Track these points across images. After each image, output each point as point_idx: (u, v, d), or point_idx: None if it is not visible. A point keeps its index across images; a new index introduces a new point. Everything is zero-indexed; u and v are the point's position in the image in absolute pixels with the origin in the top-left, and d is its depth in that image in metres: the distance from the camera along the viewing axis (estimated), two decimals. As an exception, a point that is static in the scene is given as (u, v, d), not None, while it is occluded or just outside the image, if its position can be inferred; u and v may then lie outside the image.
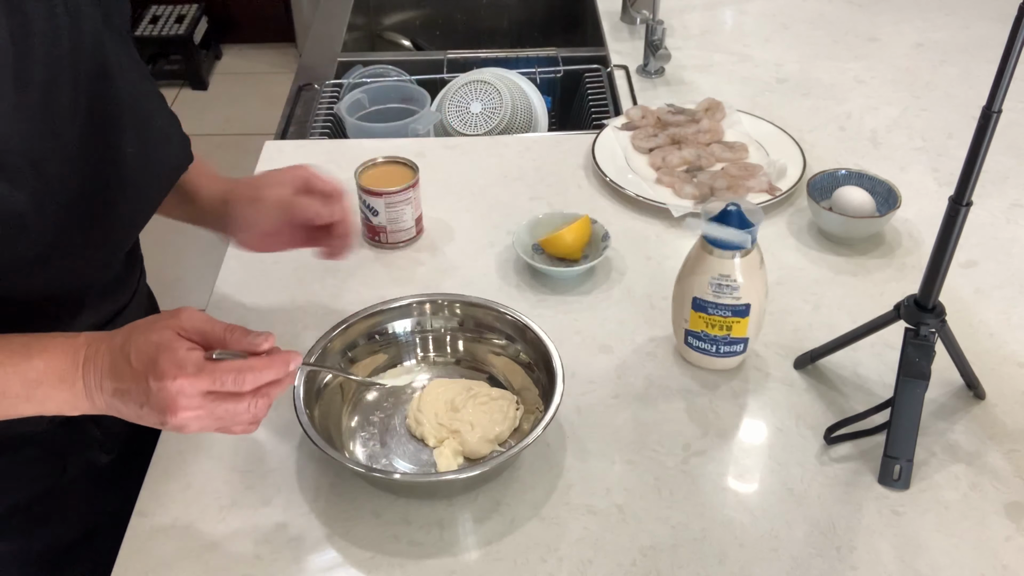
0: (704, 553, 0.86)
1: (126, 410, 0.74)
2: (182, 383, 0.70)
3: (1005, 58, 0.77)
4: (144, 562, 0.86)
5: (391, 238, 1.22)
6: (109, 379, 0.73)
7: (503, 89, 1.58)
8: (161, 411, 0.71)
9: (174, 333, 0.72)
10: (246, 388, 0.73)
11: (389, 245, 1.23)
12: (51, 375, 0.73)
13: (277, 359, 0.75)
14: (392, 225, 1.21)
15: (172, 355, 0.70)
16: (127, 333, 0.73)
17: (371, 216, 1.21)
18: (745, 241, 0.94)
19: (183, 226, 1.08)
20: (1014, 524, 0.88)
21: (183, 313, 0.74)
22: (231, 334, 0.74)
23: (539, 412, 0.93)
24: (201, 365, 0.71)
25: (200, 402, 0.71)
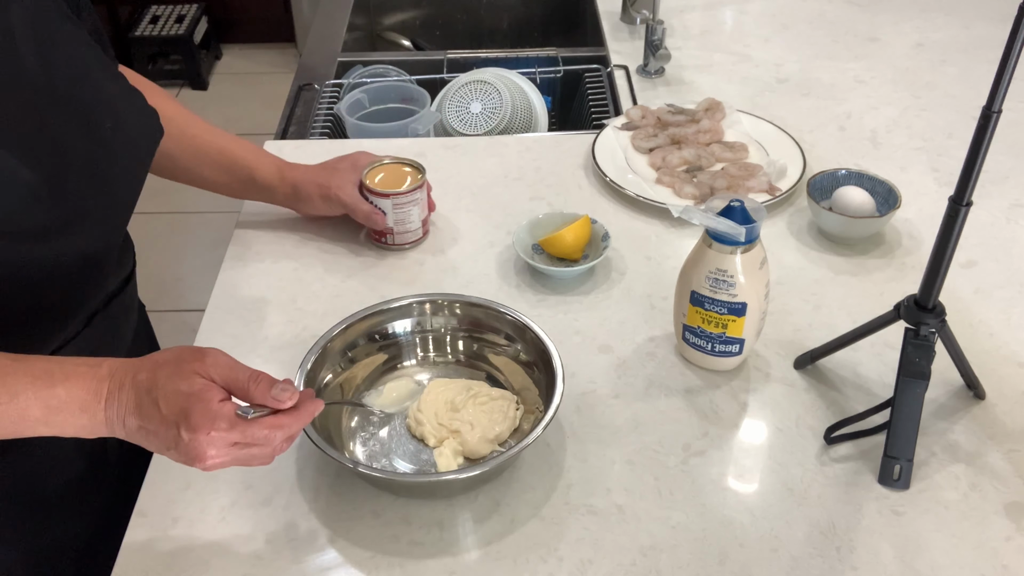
0: (704, 553, 0.86)
1: (149, 446, 0.76)
2: (215, 436, 0.72)
3: (1005, 58, 0.77)
4: (144, 562, 0.86)
5: (397, 239, 1.21)
6: (134, 417, 0.74)
7: (503, 89, 1.58)
8: (191, 459, 0.73)
9: (205, 382, 0.73)
10: (276, 443, 0.76)
11: (395, 247, 1.22)
12: (72, 404, 0.74)
13: (304, 413, 0.77)
14: (399, 227, 1.19)
15: (205, 408, 0.72)
16: (151, 372, 0.74)
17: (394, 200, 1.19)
18: (741, 234, 0.94)
19: (183, 226, 1.09)
20: (1014, 524, 0.88)
21: (209, 357, 0.75)
22: (255, 385, 0.75)
23: (539, 412, 0.93)
24: (234, 421, 0.73)
25: (228, 451, 0.74)
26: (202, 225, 2.97)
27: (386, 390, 1.00)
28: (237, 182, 1.17)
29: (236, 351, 1.07)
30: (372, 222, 1.18)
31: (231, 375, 0.75)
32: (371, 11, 2.11)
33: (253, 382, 0.75)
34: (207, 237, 2.89)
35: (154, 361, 0.75)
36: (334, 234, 1.26)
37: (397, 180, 1.19)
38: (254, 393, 0.75)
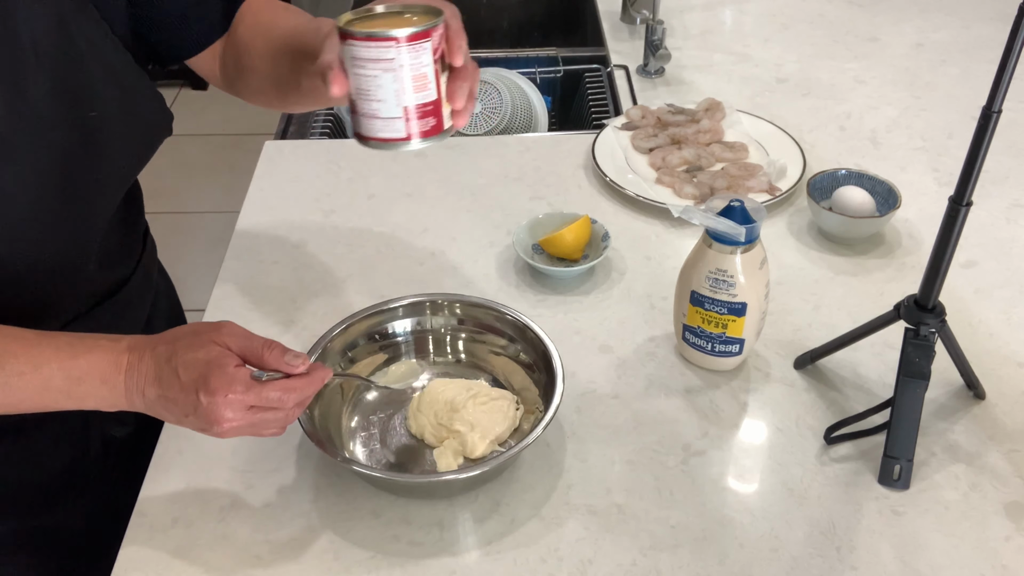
0: (704, 553, 0.86)
1: (167, 415, 0.78)
2: (232, 398, 0.74)
3: (1005, 58, 0.77)
4: (144, 562, 0.86)
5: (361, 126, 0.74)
6: (154, 387, 0.76)
7: (503, 89, 1.58)
8: (209, 422, 0.75)
9: (221, 349, 0.76)
10: (289, 406, 0.78)
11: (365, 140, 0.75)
12: (93, 375, 0.76)
13: (315, 377, 0.80)
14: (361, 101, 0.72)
15: (222, 372, 0.74)
16: (171, 345, 0.77)
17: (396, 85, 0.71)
18: (741, 234, 0.94)
19: (184, 225, 1.09)
20: (1014, 524, 0.88)
21: (224, 328, 0.78)
22: (269, 351, 0.78)
23: (539, 412, 0.93)
24: (249, 384, 0.75)
25: (244, 414, 0.76)
26: (202, 225, 2.97)
27: (391, 371, 1.01)
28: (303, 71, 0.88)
29: (236, 351, 1.07)
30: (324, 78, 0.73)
31: (246, 343, 0.77)
32: (371, 11, 2.10)
33: (267, 349, 0.77)
34: (207, 237, 2.89)
35: (172, 334, 0.78)
36: (334, 234, 1.26)
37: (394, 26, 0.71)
38: (268, 359, 0.77)
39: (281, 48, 0.93)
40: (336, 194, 1.34)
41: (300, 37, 0.89)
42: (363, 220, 1.29)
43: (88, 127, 0.84)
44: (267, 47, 0.95)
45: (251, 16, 0.97)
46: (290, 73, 0.91)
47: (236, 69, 0.98)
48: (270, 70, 0.94)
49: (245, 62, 0.97)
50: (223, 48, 0.98)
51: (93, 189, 0.88)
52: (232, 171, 3.13)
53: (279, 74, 0.93)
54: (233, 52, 0.98)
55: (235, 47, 0.97)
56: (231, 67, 0.98)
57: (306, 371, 0.79)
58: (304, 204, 1.33)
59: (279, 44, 0.93)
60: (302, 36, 0.89)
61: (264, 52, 0.95)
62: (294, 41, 0.91)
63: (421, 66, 0.70)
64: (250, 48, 0.96)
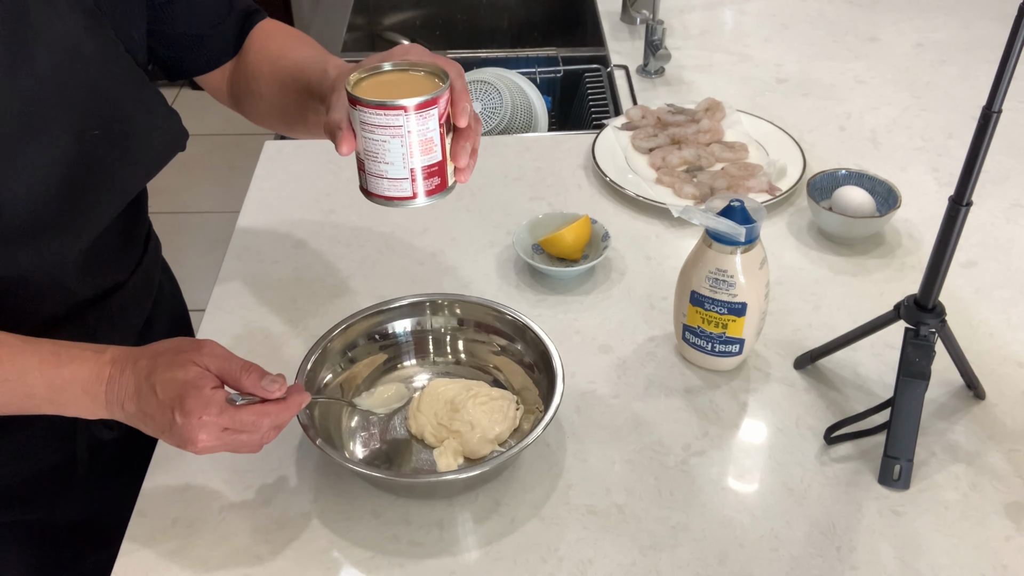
0: (704, 553, 0.86)
1: (146, 429, 0.79)
2: (206, 420, 0.75)
3: (1005, 58, 0.77)
4: (144, 562, 0.86)
5: (368, 183, 0.77)
6: (133, 402, 0.77)
7: (503, 89, 1.58)
8: (183, 441, 0.76)
9: (200, 370, 0.77)
10: (263, 429, 0.79)
11: (373, 197, 0.78)
12: (75, 385, 0.77)
13: (291, 403, 0.80)
14: (369, 162, 0.75)
15: (198, 394, 0.75)
16: (151, 360, 0.78)
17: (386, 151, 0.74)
18: (741, 234, 0.94)
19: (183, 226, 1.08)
20: (1014, 524, 0.88)
21: (205, 347, 0.79)
22: (247, 375, 0.78)
23: (539, 412, 0.93)
24: (223, 407, 0.76)
25: (218, 435, 0.77)
26: (202, 225, 2.97)
27: (377, 392, 0.99)
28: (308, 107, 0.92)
29: (236, 351, 1.07)
30: (332, 137, 0.76)
31: (225, 365, 0.78)
32: (371, 11, 2.11)
33: (245, 372, 0.78)
34: (207, 237, 2.89)
35: (154, 350, 0.79)
36: (334, 233, 1.26)
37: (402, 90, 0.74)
38: (245, 382, 0.78)
39: (287, 81, 0.94)
40: (336, 194, 1.34)
41: (306, 75, 0.91)
42: (363, 220, 1.29)
43: (95, 145, 0.84)
44: (273, 76, 0.96)
45: (260, 41, 0.99)
46: (296, 106, 0.93)
47: (244, 92, 0.99)
48: (276, 99, 0.96)
49: (252, 87, 0.98)
50: (232, 69, 1.00)
51: (93, 204, 0.88)
52: (232, 171, 3.13)
53: (284, 104, 0.95)
54: (242, 75, 0.99)
55: (244, 70, 0.98)
56: (240, 88, 1.00)
57: (283, 396, 0.80)
58: (304, 204, 1.33)
59: (285, 76, 0.94)
60: (308, 75, 0.90)
61: (271, 80, 0.96)
62: (301, 76, 0.92)
63: (428, 131, 0.73)
64: (257, 74, 0.97)
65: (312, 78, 0.89)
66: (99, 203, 0.89)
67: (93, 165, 0.84)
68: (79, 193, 0.84)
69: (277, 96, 0.96)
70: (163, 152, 0.93)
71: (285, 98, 0.95)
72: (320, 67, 0.89)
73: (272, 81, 0.96)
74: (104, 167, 0.86)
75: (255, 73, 0.97)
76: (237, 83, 1.00)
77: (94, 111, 0.83)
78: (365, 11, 2.09)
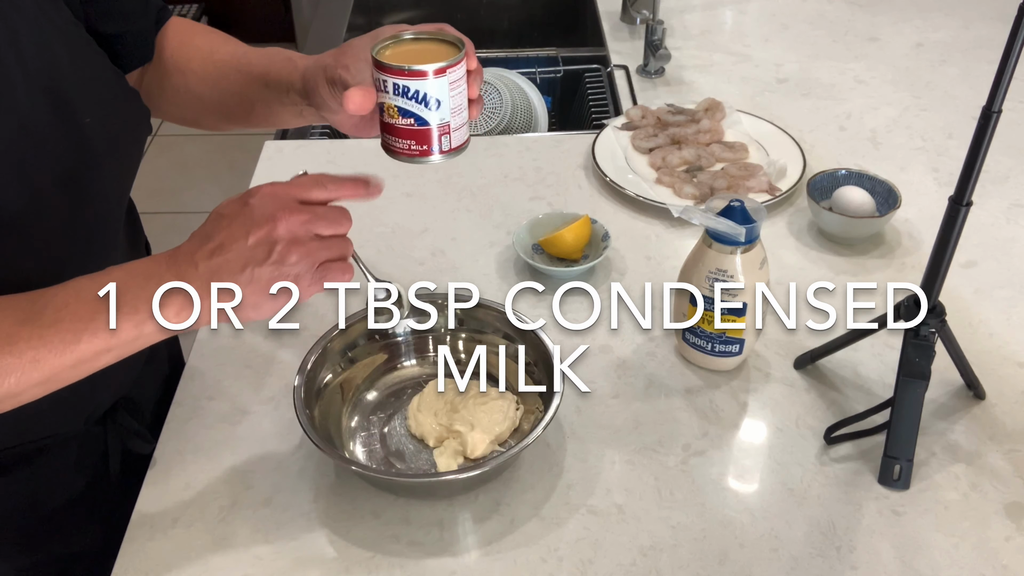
0: (704, 553, 0.86)
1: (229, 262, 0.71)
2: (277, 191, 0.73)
3: (1005, 58, 0.77)
4: (144, 562, 0.86)
5: (456, 139, 0.81)
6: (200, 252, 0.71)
7: (503, 89, 1.58)
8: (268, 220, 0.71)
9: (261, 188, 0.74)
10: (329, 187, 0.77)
11: (454, 151, 0.82)
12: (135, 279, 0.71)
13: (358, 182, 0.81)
14: (456, 117, 0.80)
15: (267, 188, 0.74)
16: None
17: (422, 111, 0.78)
18: (741, 234, 0.94)
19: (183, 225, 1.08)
20: (1014, 524, 0.88)
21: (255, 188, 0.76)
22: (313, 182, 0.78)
23: (539, 412, 0.93)
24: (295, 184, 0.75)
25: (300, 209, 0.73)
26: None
27: None
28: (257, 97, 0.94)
29: (236, 351, 1.08)
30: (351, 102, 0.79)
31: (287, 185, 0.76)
32: (371, 11, 2.11)
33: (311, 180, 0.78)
34: (207, 237, 2.88)
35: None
36: (334, 234, 1.26)
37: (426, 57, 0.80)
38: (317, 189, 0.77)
39: (227, 74, 0.95)
40: (336, 194, 1.34)
41: (260, 68, 0.92)
42: (363, 220, 1.28)
43: (83, 134, 0.82)
44: (205, 71, 0.96)
45: (177, 38, 0.98)
46: (237, 99, 0.95)
47: (159, 89, 0.98)
48: (209, 93, 0.96)
49: (175, 81, 0.97)
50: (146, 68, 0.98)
51: (97, 196, 0.86)
52: (232, 171, 3.13)
53: (221, 98, 0.96)
54: (158, 72, 0.98)
55: (161, 67, 0.98)
56: (155, 85, 0.99)
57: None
58: (304, 204, 1.32)
59: (224, 70, 0.95)
60: (264, 67, 0.92)
61: (201, 75, 0.96)
62: (250, 70, 0.93)
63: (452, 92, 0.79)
64: (182, 69, 0.97)
65: (274, 69, 0.90)
66: (105, 193, 0.88)
67: (88, 155, 0.83)
68: (84, 185, 0.83)
69: (210, 90, 0.95)
70: (140, 131, 0.92)
71: (222, 91, 0.95)
72: (281, 58, 0.90)
73: (203, 76, 0.96)
74: (99, 155, 0.84)
75: (176, 68, 0.97)
76: (151, 81, 0.98)
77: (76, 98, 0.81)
78: (365, 11, 2.09)
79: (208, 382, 1.03)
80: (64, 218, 0.82)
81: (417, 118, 0.78)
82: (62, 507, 0.95)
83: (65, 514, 0.96)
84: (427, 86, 0.76)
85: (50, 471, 0.93)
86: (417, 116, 0.78)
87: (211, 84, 0.95)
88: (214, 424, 0.99)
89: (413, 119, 0.78)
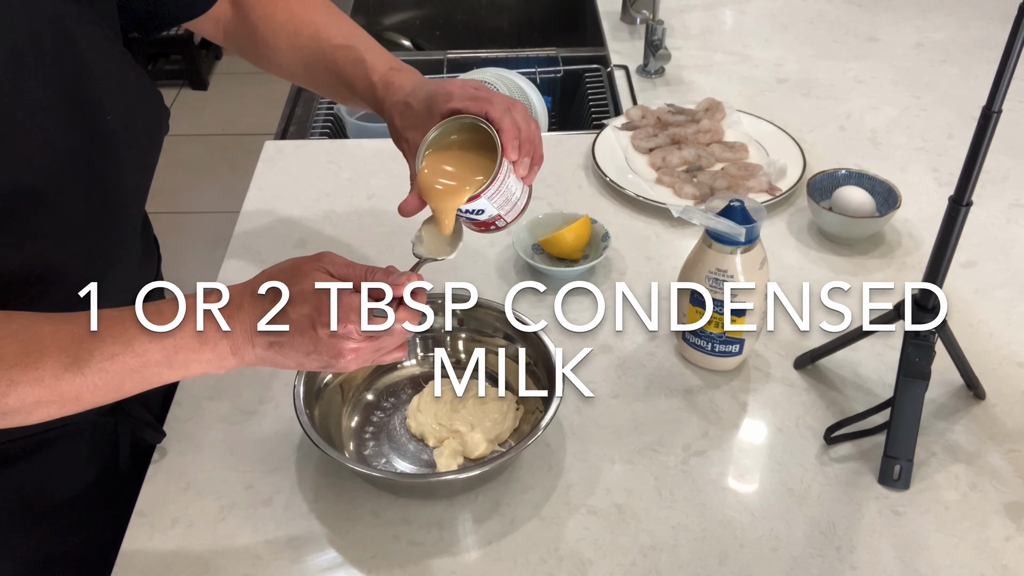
0: (704, 553, 0.86)
1: (284, 360, 0.74)
2: (351, 329, 0.71)
3: (1005, 58, 0.77)
4: (144, 562, 0.86)
5: (513, 215, 0.88)
6: (260, 341, 0.73)
7: (503, 89, 1.57)
8: (333, 357, 0.72)
9: (329, 278, 0.73)
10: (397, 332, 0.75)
11: (515, 220, 0.89)
12: (191, 339, 0.72)
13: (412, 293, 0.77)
14: (507, 206, 0.86)
15: (338, 302, 0.72)
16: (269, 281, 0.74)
17: (475, 216, 0.86)
18: (741, 234, 0.94)
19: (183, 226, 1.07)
20: (1014, 524, 0.88)
21: (325, 256, 0.75)
22: (372, 273, 0.75)
23: (539, 412, 0.93)
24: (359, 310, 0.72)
25: (364, 343, 0.73)
26: (202, 225, 2.97)
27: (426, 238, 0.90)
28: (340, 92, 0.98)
29: (236, 351, 1.07)
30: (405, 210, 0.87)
31: (348, 270, 0.75)
32: (371, 11, 2.11)
33: (370, 273, 0.75)
34: (207, 237, 2.89)
35: (268, 274, 0.75)
36: (334, 233, 1.26)
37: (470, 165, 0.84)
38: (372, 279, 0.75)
39: (315, 64, 0.96)
40: (336, 194, 1.34)
41: (345, 75, 0.94)
42: (363, 220, 1.29)
43: (103, 131, 0.82)
44: (294, 53, 0.97)
45: (260, 7, 0.98)
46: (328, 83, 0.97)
47: (256, 55, 1.01)
48: (302, 73, 0.99)
49: (264, 54, 0.99)
50: (232, 25, 0.99)
51: (115, 192, 0.86)
52: (232, 171, 3.13)
53: (312, 78, 0.99)
54: (249, 38, 0.99)
55: (251, 34, 0.98)
56: (249, 51, 1.01)
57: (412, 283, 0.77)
58: (304, 204, 1.33)
59: (311, 59, 0.96)
60: (348, 76, 0.94)
61: (291, 56, 0.97)
62: (335, 69, 0.94)
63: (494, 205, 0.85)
64: (271, 46, 0.98)
65: (356, 84, 0.93)
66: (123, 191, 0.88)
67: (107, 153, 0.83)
68: (103, 182, 0.83)
69: (301, 70, 0.98)
70: (160, 130, 0.92)
71: (311, 74, 0.98)
72: (361, 73, 0.92)
73: (292, 56, 0.97)
74: (117, 153, 0.84)
75: (266, 42, 0.97)
76: (243, 44, 1.00)
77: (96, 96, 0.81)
78: (365, 11, 2.09)
79: (208, 382, 1.03)
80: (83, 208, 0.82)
81: (472, 219, 0.86)
82: (70, 499, 0.95)
83: (73, 507, 0.96)
84: (473, 205, 0.82)
85: (60, 462, 0.93)
86: (470, 218, 0.85)
87: (301, 66, 0.98)
88: (214, 424, 0.99)
89: (468, 220, 0.86)
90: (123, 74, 0.86)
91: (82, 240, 0.84)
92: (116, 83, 0.84)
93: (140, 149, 0.89)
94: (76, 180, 0.81)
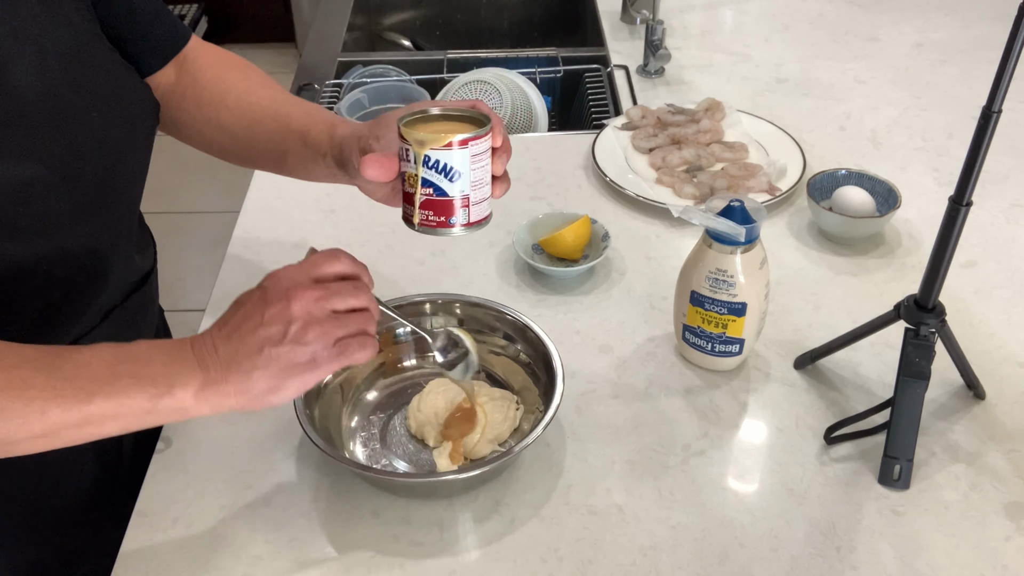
0: (704, 553, 0.86)
1: (247, 344, 0.73)
2: (290, 272, 0.74)
3: (1005, 58, 0.77)
4: (144, 562, 0.86)
5: (476, 213, 0.81)
6: (219, 336, 0.74)
7: (503, 89, 1.58)
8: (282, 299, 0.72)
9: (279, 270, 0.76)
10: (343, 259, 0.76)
11: (474, 224, 0.81)
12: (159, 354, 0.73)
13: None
14: (477, 191, 0.80)
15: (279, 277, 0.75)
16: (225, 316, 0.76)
17: (443, 182, 0.78)
18: (741, 234, 0.94)
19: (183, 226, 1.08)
20: (1014, 524, 0.88)
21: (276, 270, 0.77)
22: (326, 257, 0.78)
23: (539, 412, 0.93)
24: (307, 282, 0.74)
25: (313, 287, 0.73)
26: (202, 225, 2.97)
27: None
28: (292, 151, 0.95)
29: (236, 351, 1.07)
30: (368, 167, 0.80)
31: (303, 264, 0.77)
32: (371, 11, 2.11)
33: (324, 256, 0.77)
34: (207, 237, 2.89)
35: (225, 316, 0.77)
36: (334, 233, 1.26)
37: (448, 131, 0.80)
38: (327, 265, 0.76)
39: (264, 120, 0.94)
40: (336, 194, 1.34)
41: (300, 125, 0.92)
42: (363, 220, 1.29)
43: (98, 124, 0.83)
44: (241, 111, 0.96)
45: (212, 70, 0.98)
46: (266, 145, 0.95)
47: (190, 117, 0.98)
48: (243, 134, 0.96)
49: (207, 113, 0.97)
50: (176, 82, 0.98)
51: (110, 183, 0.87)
52: (232, 171, 3.11)
53: (254, 141, 0.96)
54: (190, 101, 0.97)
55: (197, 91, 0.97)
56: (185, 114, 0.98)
57: None
58: (304, 204, 1.33)
59: (261, 116, 0.95)
60: (304, 127, 0.92)
61: (237, 115, 0.96)
62: (289, 123, 0.93)
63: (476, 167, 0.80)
64: (216, 104, 0.97)
65: (315, 131, 0.90)
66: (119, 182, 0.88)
67: (104, 144, 0.83)
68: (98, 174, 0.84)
69: (243, 130, 0.96)
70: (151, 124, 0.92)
71: (255, 135, 0.95)
72: (321, 120, 0.91)
73: (238, 115, 0.96)
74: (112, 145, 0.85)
75: (211, 101, 0.97)
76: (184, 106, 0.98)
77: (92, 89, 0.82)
78: (365, 11, 2.09)
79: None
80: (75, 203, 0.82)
81: (437, 188, 0.78)
82: (71, 499, 0.95)
83: (74, 506, 0.96)
84: (449, 156, 0.77)
85: (62, 462, 0.92)
86: (437, 186, 0.78)
87: (245, 125, 0.96)
88: (214, 424, 0.99)
89: (433, 189, 0.78)
90: (112, 67, 0.86)
91: (77, 233, 0.84)
92: (105, 77, 0.85)
93: (133, 144, 0.89)
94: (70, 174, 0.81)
